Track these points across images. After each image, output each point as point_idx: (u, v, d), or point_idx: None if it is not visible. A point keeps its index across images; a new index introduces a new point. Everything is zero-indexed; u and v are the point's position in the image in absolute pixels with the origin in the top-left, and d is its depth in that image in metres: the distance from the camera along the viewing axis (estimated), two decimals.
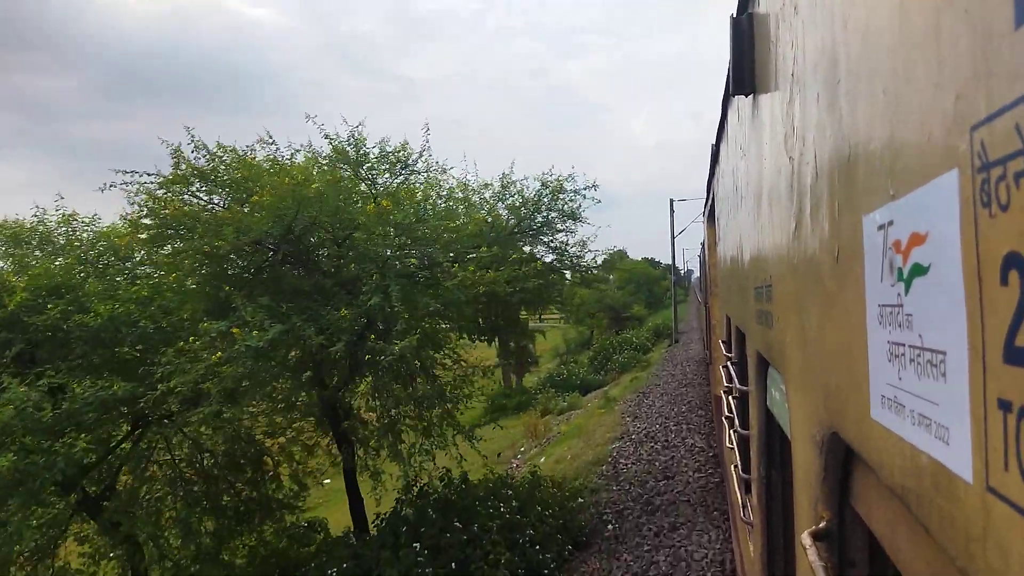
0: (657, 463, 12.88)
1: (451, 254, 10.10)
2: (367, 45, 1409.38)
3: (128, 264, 10.74)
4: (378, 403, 9.79)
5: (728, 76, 2.78)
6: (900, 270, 0.83)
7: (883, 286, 0.89)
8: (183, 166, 9.09)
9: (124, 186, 9.07)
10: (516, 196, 12.65)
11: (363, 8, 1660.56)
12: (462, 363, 10.83)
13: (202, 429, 10.16)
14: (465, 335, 12.23)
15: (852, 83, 1.04)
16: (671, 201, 35.81)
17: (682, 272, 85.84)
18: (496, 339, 16.98)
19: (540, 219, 12.53)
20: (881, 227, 0.89)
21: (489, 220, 11.48)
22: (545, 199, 12.48)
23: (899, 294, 0.83)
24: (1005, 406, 0.58)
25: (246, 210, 8.70)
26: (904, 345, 0.81)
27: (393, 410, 9.60)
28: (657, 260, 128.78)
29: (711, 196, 7.68)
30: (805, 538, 1.30)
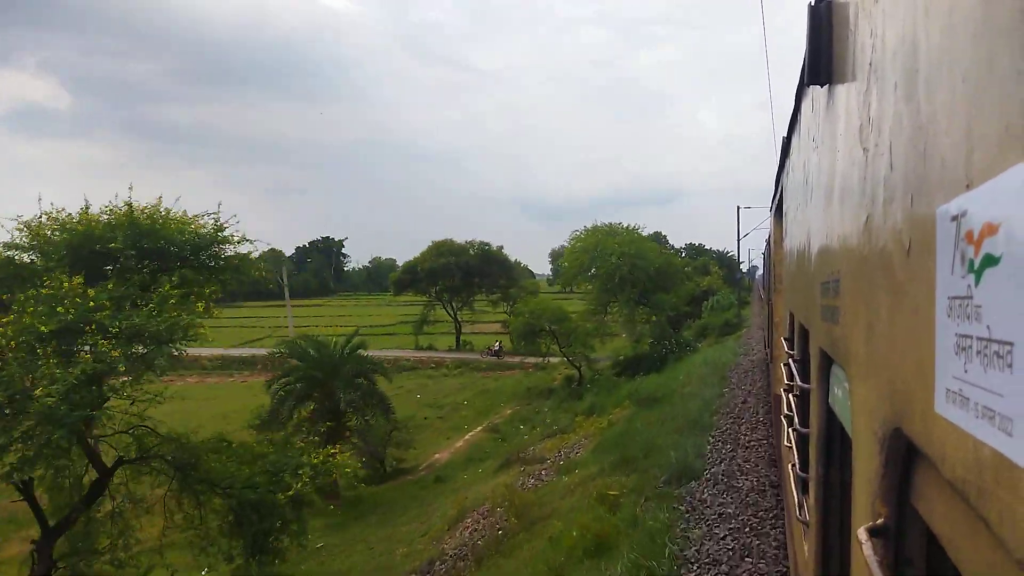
0: None
1: None
2: (437, 34, 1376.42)
3: None
4: None
5: (803, 66, 2.76)
6: (972, 261, 0.83)
7: (954, 278, 0.89)
8: None
9: None
10: None
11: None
12: None
13: None
14: None
15: (932, 71, 1.04)
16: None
17: (744, 269, 77.37)
18: None
19: None
20: (954, 218, 0.89)
21: None
22: None
23: (969, 285, 0.84)
24: None
25: None
26: (972, 337, 0.82)
27: None
28: (703, 245, 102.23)
29: (779, 190, 7.50)
30: (861, 534, 1.31)
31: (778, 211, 8.03)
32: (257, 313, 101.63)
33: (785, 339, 5.34)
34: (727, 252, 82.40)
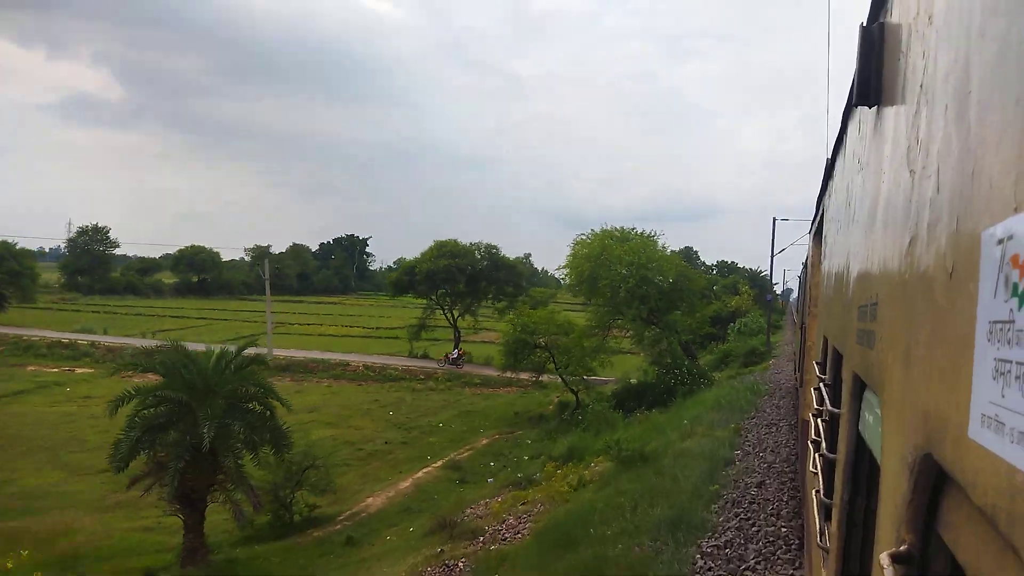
0: None
1: None
2: (480, 41, 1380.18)
3: None
4: None
5: (852, 87, 2.79)
6: (1016, 285, 0.83)
7: (996, 302, 0.89)
8: None
9: None
10: None
11: (478, 5, 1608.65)
12: None
13: None
14: None
15: (984, 94, 1.06)
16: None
17: (779, 291, 73.05)
18: None
19: None
20: (1000, 241, 0.89)
21: None
22: None
23: (1012, 310, 0.83)
24: None
25: None
26: (1011, 362, 0.82)
27: None
28: (736, 263, 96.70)
29: (820, 212, 7.42)
30: (884, 559, 1.32)
31: (817, 233, 7.97)
32: (263, 307, 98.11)
33: (817, 363, 5.25)
34: (760, 271, 76.14)
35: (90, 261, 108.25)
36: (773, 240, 38.92)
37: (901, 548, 1.31)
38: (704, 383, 28.77)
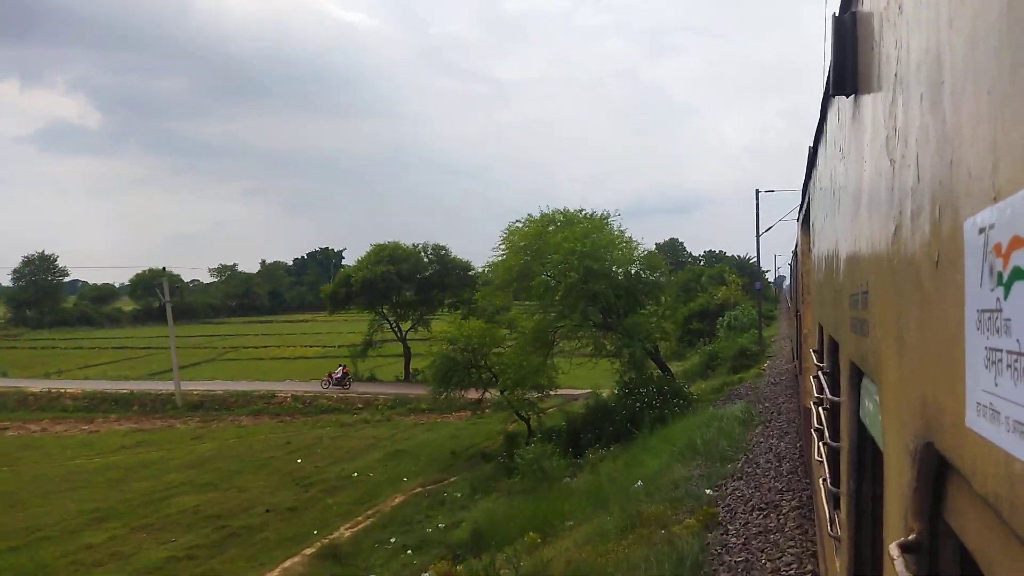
0: None
1: None
2: (457, 47, 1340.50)
3: None
4: None
5: (828, 76, 2.87)
6: (1000, 274, 0.84)
7: (982, 291, 0.91)
8: None
9: None
10: None
11: (452, 10, 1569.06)
12: None
13: None
14: None
15: (956, 84, 1.07)
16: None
17: (771, 280, 71.44)
18: None
19: None
20: (982, 230, 0.91)
21: None
22: None
23: (998, 298, 0.84)
24: None
25: None
26: (1001, 351, 0.83)
27: None
28: (723, 252, 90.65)
29: (806, 200, 7.54)
30: (893, 549, 1.33)
31: (805, 221, 8.01)
32: (227, 330, 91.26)
33: (814, 351, 5.27)
34: (749, 258, 69.71)
35: (36, 292, 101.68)
36: (757, 217, 32.73)
37: (910, 537, 1.33)
38: (679, 404, 22.00)
